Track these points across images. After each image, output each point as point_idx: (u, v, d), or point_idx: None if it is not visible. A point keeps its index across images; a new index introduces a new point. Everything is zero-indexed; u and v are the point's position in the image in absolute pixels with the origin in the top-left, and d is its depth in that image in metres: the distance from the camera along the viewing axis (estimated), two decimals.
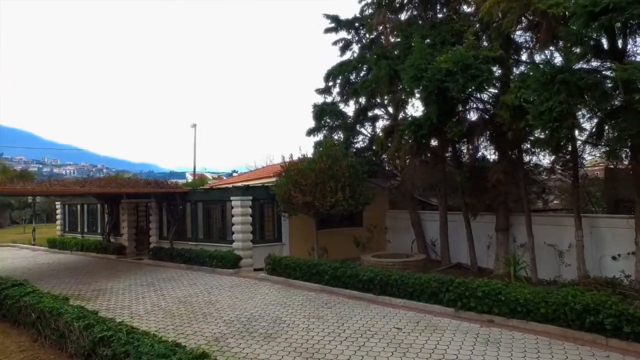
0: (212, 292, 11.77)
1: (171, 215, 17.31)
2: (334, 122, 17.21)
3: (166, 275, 14.38)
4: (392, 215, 17.87)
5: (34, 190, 11.92)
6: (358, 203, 13.33)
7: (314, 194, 12.74)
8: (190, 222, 17.00)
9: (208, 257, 15.21)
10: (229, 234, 15.49)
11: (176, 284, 13.00)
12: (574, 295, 7.45)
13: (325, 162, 12.91)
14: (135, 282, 13.44)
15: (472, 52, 9.72)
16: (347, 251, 15.65)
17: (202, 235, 16.67)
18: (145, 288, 12.49)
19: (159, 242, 18.09)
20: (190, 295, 11.41)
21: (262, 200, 15.59)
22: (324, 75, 17.29)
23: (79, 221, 23.16)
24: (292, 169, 13.61)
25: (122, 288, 12.60)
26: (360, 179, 13.65)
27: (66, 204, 24.06)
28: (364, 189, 13.58)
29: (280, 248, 15.66)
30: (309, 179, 12.90)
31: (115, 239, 20.26)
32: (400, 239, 16.99)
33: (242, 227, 14.93)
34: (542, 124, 7.59)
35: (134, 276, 14.39)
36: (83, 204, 22.61)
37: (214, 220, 16.42)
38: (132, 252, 19.50)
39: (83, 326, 6.13)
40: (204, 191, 16.32)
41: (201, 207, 16.76)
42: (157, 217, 18.22)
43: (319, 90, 17.68)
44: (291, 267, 12.59)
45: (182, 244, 17.04)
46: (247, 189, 15.32)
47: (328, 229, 16.15)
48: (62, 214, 24.38)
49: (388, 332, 8.06)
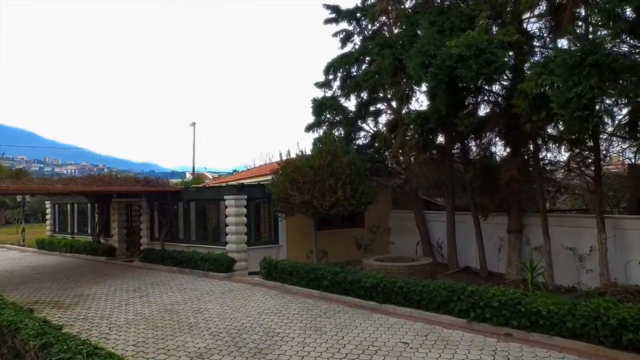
0: (201, 298, 10.87)
1: (163, 215, 16.42)
2: (334, 118, 16.29)
3: (155, 279, 13.49)
4: (395, 215, 16.96)
5: (8, 188, 11.01)
6: (359, 202, 12.43)
7: (313, 193, 11.84)
8: (183, 222, 16.09)
9: (200, 259, 14.31)
10: (222, 235, 14.60)
11: (165, 289, 12.10)
12: (606, 308, 6.53)
13: (324, 159, 12.02)
14: (122, 286, 12.54)
15: (485, 36, 8.81)
16: (348, 253, 14.75)
17: (194, 236, 15.76)
18: (130, 294, 11.60)
19: (150, 244, 17.19)
20: (177, 303, 10.51)
21: (257, 200, 14.69)
22: (324, 68, 16.39)
23: (69, 221, 22.27)
24: (290, 166, 12.70)
25: (105, 294, 11.71)
26: (362, 176, 12.75)
27: (56, 204, 23.16)
28: (365, 188, 12.68)
29: (277, 250, 14.76)
30: (307, 176, 11.99)
31: (105, 240, 19.37)
32: (404, 241, 16.07)
33: (236, 227, 14.03)
34: (569, 112, 6.67)
35: (121, 280, 13.50)
36: (73, 203, 21.71)
37: (207, 221, 15.51)
38: (122, 254, 18.61)
39: (39, 345, 5.24)
40: (196, 190, 15.45)
41: (194, 207, 15.86)
42: (149, 218, 17.33)
43: (319, 84, 16.76)
44: (287, 271, 11.69)
45: (174, 245, 16.14)
46: (241, 187, 14.41)
47: (328, 229, 15.27)
48: (52, 214, 23.48)
49: (394, 348, 7.16)
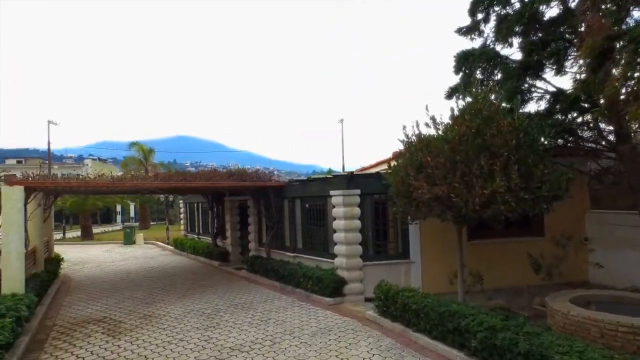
0: (278, 342, 7.25)
1: (268, 216, 13.52)
2: (488, 75, 11.01)
3: (244, 299, 10.49)
4: (597, 218, 10.82)
5: (71, 185, 9.49)
6: (537, 198, 7.17)
7: (451, 182, 7.13)
8: (289, 225, 12.88)
9: (302, 276, 10.84)
10: (331, 244, 10.87)
11: (243, 317, 8.90)
12: None
13: (469, 124, 7.18)
14: (199, 307, 9.82)
15: None
16: (518, 276, 9.46)
17: (300, 243, 12.38)
18: (200, 321, 8.69)
19: (258, 250, 14.53)
20: (241, 347, 7.09)
21: (376, 196, 10.52)
22: (469, 7, 11.27)
23: (196, 221, 21.51)
24: (415, 145, 8.17)
25: (174, 317, 9.05)
26: (539, 153, 7.46)
27: (187, 203, 22.80)
28: (548, 173, 7.30)
29: (406, 268, 10.37)
30: (440, 155, 7.34)
31: (222, 242, 17.61)
32: (618, 260, 9.92)
33: (346, 235, 10.12)
34: None
35: (207, 297, 10.87)
36: (198, 202, 20.82)
37: (313, 224, 11.95)
38: (236, 259, 16.48)
39: None
40: (300, 184, 12.09)
41: (299, 205, 12.50)
42: (256, 219, 14.70)
43: (462, 30, 11.56)
44: (412, 309, 7.27)
45: (280, 254, 13.09)
46: (351, 178, 10.39)
47: (484, 239, 10.33)
48: (185, 213, 23.25)
49: None
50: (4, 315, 7.15)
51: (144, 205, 38.62)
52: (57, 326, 8.79)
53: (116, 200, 37.29)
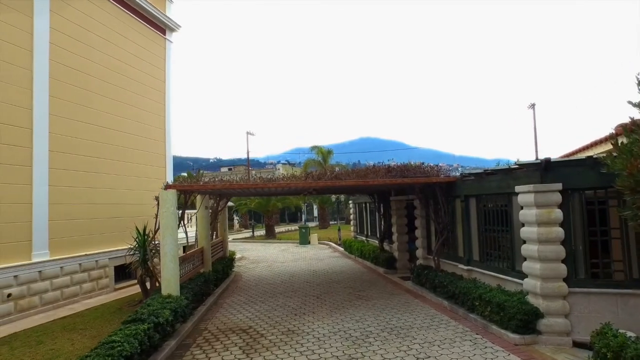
0: None
1: (437, 219, 11.19)
2: None
3: (403, 322, 8.52)
4: None
5: (210, 186, 9.17)
6: None
7: None
8: (462, 231, 10.31)
9: (478, 298, 8.26)
10: (518, 259, 7.99)
11: (397, 349, 6.95)
12: None
13: None
14: (349, 327, 8.29)
15: None
16: None
17: (476, 254, 9.68)
18: (344, 348, 7.12)
19: (426, 258, 12.31)
20: None
21: (589, 192, 7.21)
22: None
23: (364, 222, 20.31)
24: None
25: (317, 337, 7.74)
26: None
27: (356, 203, 21.86)
28: None
29: None
30: None
31: (389, 247, 15.91)
32: None
33: (540, 247, 7.17)
34: None
35: (361, 314, 9.27)
36: (366, 202, 19.59)
37: (493, 230, 9.11)
38: (403, 267, 14.55)
39: None
40: (474, 179, 9.30)
41: (474, 205, 9.80)
42: (424, 222, 12.48)
43: None
44: None
45: (451, 265, 10.65)
46: (546, 167, 7.28)
47: None
48: (354, 214, 22.37)
49: None
50: (143, 320, 6.93)
51: (323, 206, 39.98)
52: (207, 331, 8.48)
53: (293, 201, 39.53)
